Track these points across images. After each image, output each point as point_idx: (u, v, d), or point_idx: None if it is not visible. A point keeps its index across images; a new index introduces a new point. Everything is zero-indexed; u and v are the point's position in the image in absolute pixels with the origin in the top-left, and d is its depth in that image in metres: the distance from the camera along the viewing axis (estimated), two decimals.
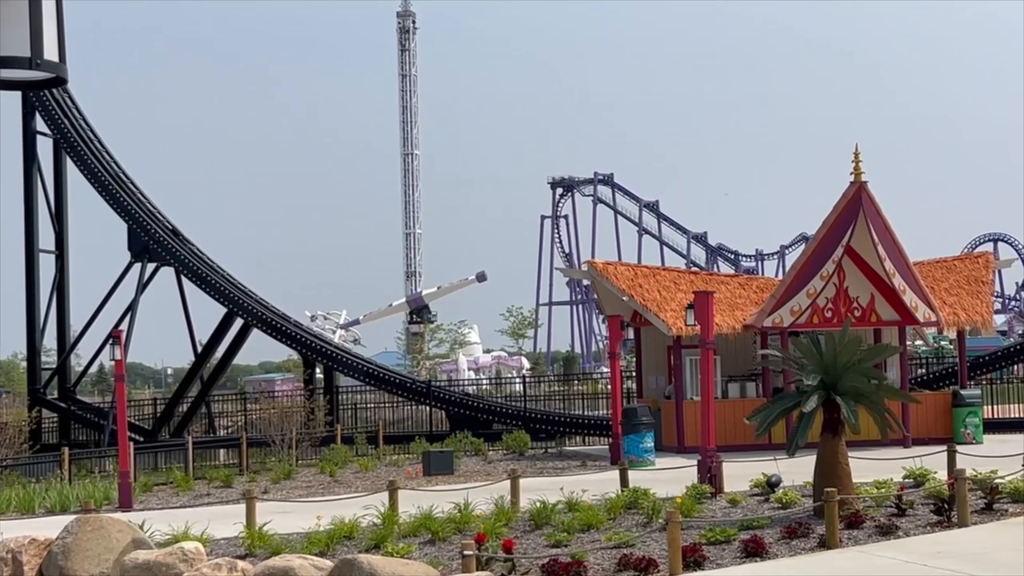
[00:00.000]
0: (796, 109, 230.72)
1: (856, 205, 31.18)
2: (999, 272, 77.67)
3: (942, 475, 20.29)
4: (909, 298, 32.01)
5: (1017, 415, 38.70)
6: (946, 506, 17.61)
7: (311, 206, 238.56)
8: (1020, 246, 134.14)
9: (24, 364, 53.70)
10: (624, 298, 33.57)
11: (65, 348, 50.83)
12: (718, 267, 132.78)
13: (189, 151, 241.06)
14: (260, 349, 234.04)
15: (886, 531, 16.90)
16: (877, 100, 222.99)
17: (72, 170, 49.67)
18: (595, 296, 42.15)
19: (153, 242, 47.94)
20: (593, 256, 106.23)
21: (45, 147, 50.06)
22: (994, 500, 18.51)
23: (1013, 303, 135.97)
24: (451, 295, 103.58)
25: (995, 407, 39.50)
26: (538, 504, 18.97)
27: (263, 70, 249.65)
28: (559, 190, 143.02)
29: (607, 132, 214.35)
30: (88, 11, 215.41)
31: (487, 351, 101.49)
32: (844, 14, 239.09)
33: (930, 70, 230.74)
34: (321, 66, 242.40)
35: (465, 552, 13.71)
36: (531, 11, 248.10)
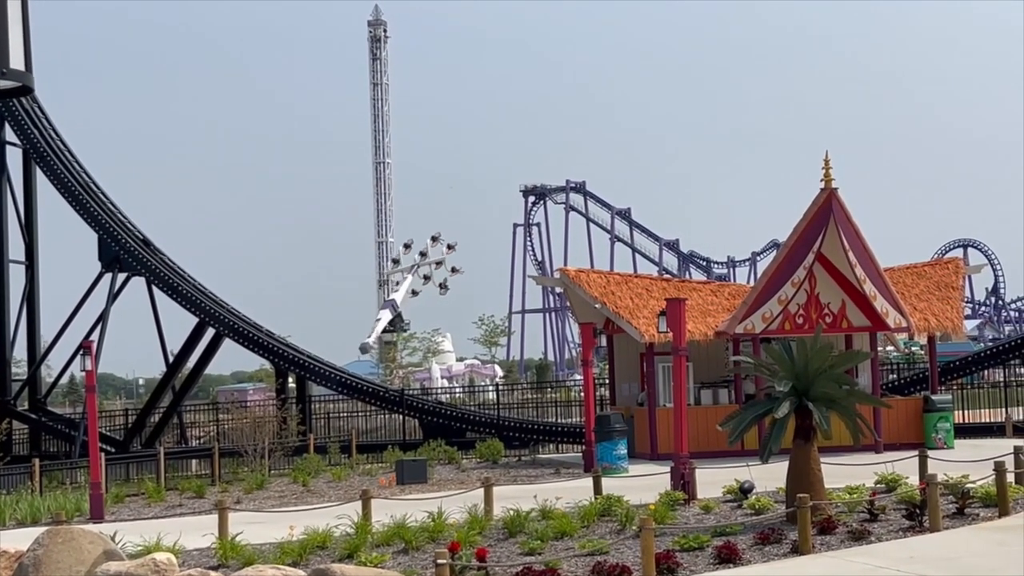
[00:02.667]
0: (767, 116, 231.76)
1: (827, 212, 31.30)
2: (969, 278, 78.30)
3: (914, 480, 20.39)
4: (880, 304, 32.15)
5: (988, 420, 38.89)
6: (918, 511, 17.69)
7: (282, 215, 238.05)
8: (990, 252, 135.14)
9: None
10: (597, 306, 33.61)
11: (35, 359, 50.52)
12: (690, 274, 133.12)
13: (160, 161, 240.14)
14: (232, 359, 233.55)
15: (858, 537, 16.97)
16: (847, 107, 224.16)
17: (42, 180, 49.43)
18: (568, 304, 42.20)
19: (124, 252, 47.72)
20: (565, 264, 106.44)
21: (14, 157, 49.83)
22: (966, 505, 18.61)
23: (983, 308, 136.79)
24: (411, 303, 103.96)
25: (966, 412, 39.71)
26: (512, 512, 18.96)
27: (234, 78, 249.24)
28: (531, 198, 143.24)
29: (579, 140, 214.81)
30: (55, 18, 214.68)
31: (460, 359, 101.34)
32: (816, 18, 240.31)
33: (901, 77, 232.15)
34: (292, 74, 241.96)
35: (439, 561, 13.68)
36: (503, 19, 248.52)
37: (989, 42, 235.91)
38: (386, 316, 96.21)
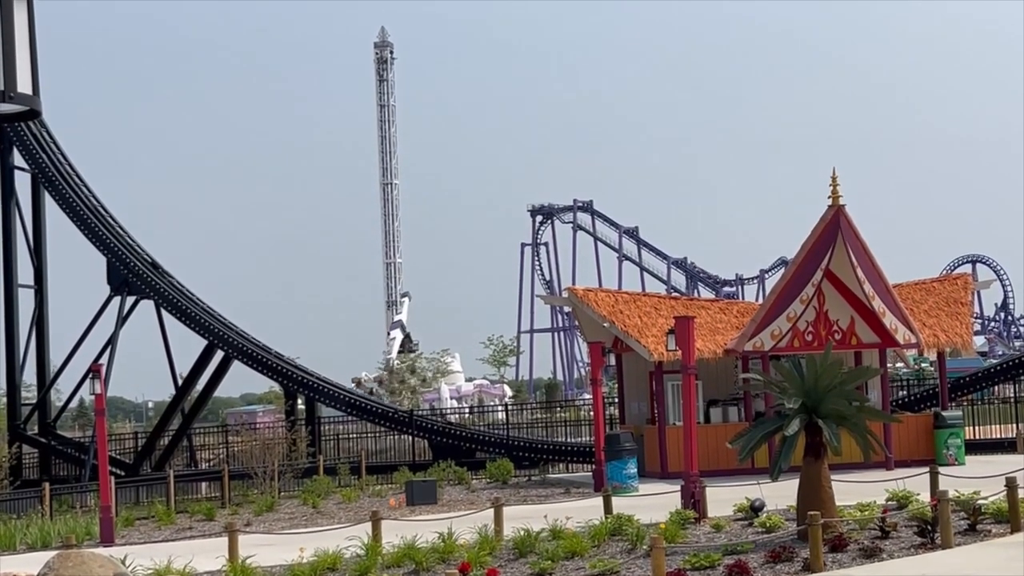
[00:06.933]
0: (774, 134, 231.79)
1: (834, 228, 31.28)
2: (978, 293, 78.24)
3: (925, 497, 20.32)
4: (889, 320, 32.10)
5: (998, 435, 38.81)
6: (929, 528, 17.63)
7: (290, 237, 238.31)
8: (999, 267, 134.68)
9: (3, 400, 53.52)
10: (605, 324, 33.60)
11: (45, 383, 50.62)
12: (698, 292, 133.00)
13: (168, 185, 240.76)
14: (241, 381, 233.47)
15: (870, 554, 16.91)
16: (855, 122, 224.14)
17: (50, 204, 49.64)
18: (576, 323, 42.17)
19: (132, 275, 47.84)
20: (574, 283, 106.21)
21: (23, 181, 50.04)
22: (977, 521, 18.53)
23: (992, 324, 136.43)
24: (419, 319, 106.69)
25: (976, 428, 39.64)
26: (522, 532, 18.93)
27: (241, 98, 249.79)
28: (539, 217, 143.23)
29: (586, 159, 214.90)
30: (61, 36, 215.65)
31: (469, 379, 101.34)
32: (823, 35, 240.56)
33: (910, 91, 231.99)
34: (300, 96, 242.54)
35: None
36: (508, 38, 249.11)
37: (993, 54, 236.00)
38: (398, 336, 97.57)
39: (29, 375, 51.05)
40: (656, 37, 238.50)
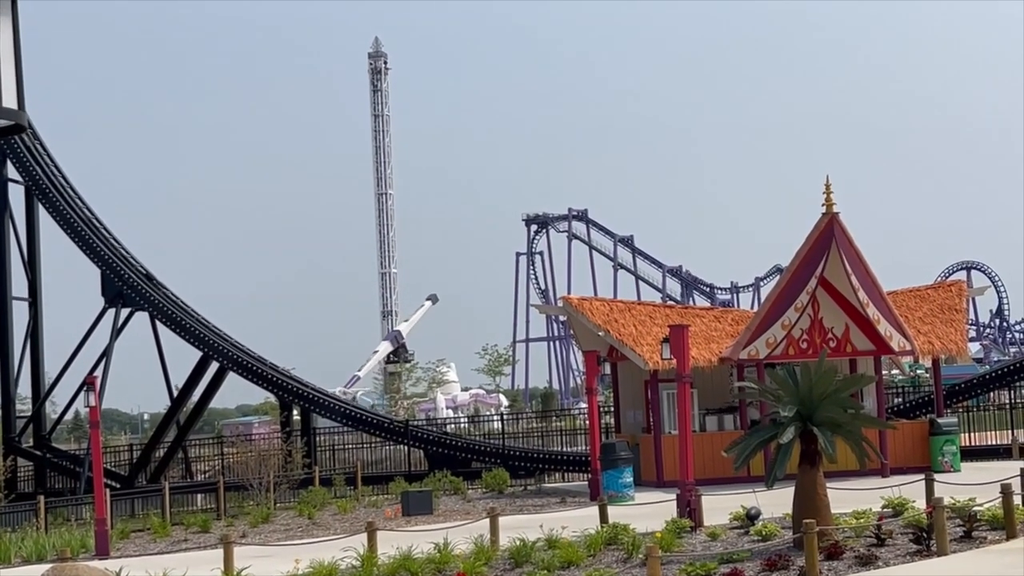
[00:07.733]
0: (767, 141, 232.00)
1: (828, 236, 31.32)
2: (973, 300, 78.24)
3: (920, 504, 20.32)
4: (883, 328, 32.12)
5: (994, 442, 38.81)
6: (925, 535, 17.62)
7: (284, 247, 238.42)
8: (994, 273, 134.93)
9: None
10: (600, 333, 33.60)
11: (40, 396, 50.49)
12: (693, 300, 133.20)
13: (161, 196, 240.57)
14: (237, 392, 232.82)
15: (866, 561, 16.91)
16: (849, 129, 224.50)
17: (44, 216, 49.57)
18: (571, 332, 42.18)
19: (127, 287, 47.77)
20: (569, 292, 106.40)
21: (16, 194, 49.97)
22: (973, 528, 18.54)
23: (987, 330, 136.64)
24: (423, 326, 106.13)
25: (972, 435, 39.62)
26: (518, 542, 18.92)
27: (235, 109, 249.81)
28: (534, 227, 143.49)
29: (581, 168, 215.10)
30: (53, 49, 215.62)
31: (465, 389, 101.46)
32: (812, 43, 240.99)
33: (907, 96, 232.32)
34: (293, 106, 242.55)
35: None
36: (503, 46, 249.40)
37: (990, 60, 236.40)
38: (385, 348, 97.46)
39: (24, 388, 50.93)
40: (653, 43, 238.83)
